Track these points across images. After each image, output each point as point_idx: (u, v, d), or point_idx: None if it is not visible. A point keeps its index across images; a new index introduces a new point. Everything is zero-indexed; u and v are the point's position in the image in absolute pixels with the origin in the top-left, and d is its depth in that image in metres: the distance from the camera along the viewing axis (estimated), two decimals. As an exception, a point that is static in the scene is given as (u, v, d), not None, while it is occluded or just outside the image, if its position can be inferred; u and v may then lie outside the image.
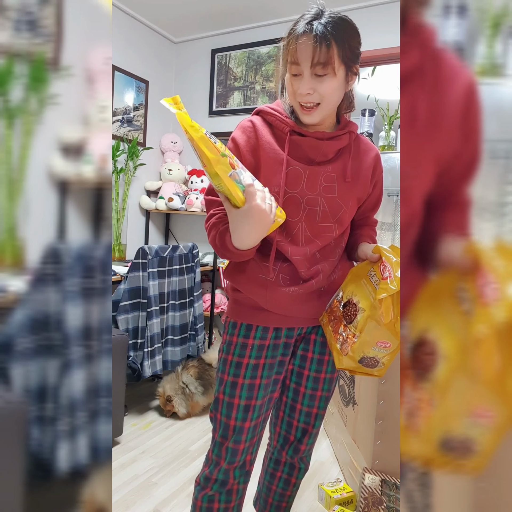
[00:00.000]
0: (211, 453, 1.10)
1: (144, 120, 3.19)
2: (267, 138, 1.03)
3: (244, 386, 1.05)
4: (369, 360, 0.90)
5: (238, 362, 1.05)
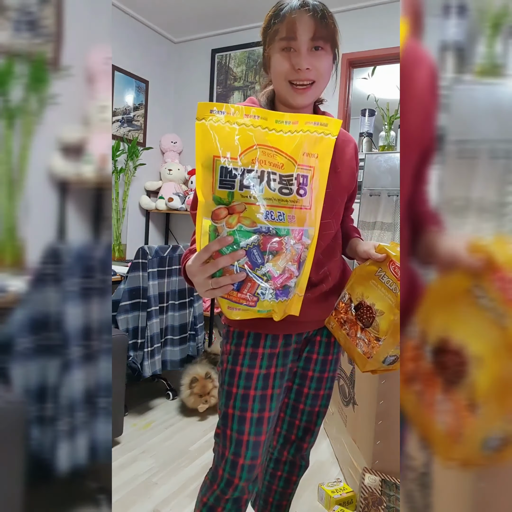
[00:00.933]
0: (221, 471, 1.02)
1: (144, 120, 3.19)
2: None
3: (256, 398, 0.99)
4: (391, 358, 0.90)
5: (249, 373, 0.99)
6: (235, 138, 0.65)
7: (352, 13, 2.73)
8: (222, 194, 0.66)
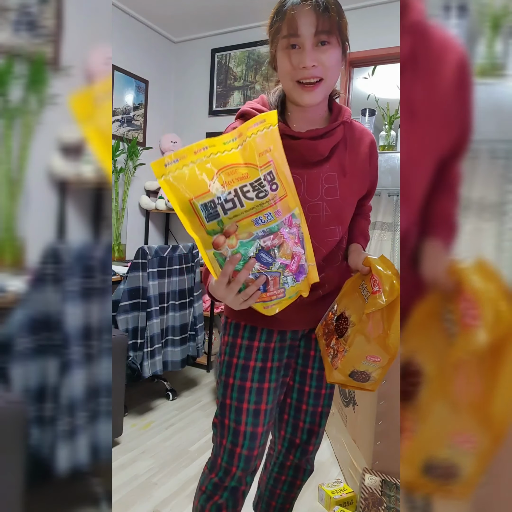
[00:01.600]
0: (220, 460, 1.05)
1: (144, 120, 3.19)
2: None
3: (252, 390, 1.02)
4: (360, 374, 0.89)
5: (244, 365, 1.02)
6: (197, 175, 0.68)
7: (352, 13, 2.73)
8: (213, 226, 0.70)
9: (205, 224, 0.70)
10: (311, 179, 0.95)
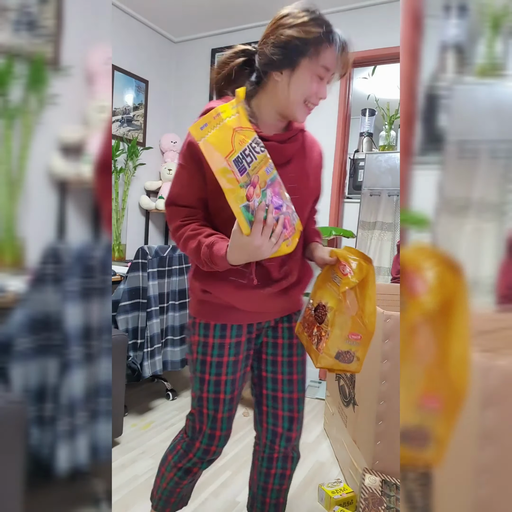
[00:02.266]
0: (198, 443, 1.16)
1: (144, 120, 3.19)
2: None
3: (228, 382, 1.11)
4: (345, 355, 0.99)
5: (219, 361, 1.10)
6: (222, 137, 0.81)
7: (352, 13, 2.73)
8: (244, 179, 0.82)
9: (239, 178, 0.82)
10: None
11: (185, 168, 1.01)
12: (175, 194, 1.02)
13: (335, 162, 2.80)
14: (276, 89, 0.99)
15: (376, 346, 1.52)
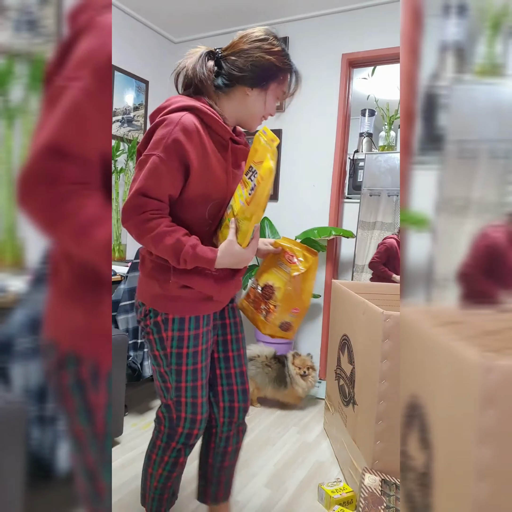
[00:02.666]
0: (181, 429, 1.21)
1: (144, 120, 3.19)
2: (211, 145, 1.06)
3: (203, 368, 1.19)
4: (286, 325, 1.26)
5: (195, 351, 1.16)
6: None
7: (352, 13, 2.73)
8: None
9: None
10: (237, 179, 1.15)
11: (165, 164, 1.00)
12: (148, 186, 1.00)
13: (335, 162, 2.80)
14: (244, 101, 1.12)
15: (375, 346, 1.52)
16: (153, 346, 1.18)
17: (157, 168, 1.00)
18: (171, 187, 1.03)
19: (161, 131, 1.00)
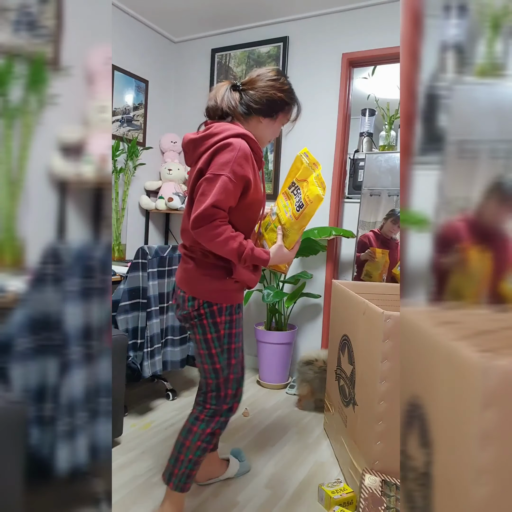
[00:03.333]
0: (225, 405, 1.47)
1: (144, 120, 3.19)
2: (254, 163, 1.36)
3: (242, 347, 1.51)
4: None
5: (240, 332, 1.48)
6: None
7: (352, 13, 2.73)
8: None
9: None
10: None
11: (232, 183, 1.27)
12: (219, 200, 1.25)
13: (335, 162, 2.80)
14: (257, 127, 1.42)
15: (376, 346, 1.52)
16: (206, 330, 1.41)
17: (226, 187, 1.26)
18: (233, 201, 1.30)
19: (226, 155, 1.27)
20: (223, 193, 1.25)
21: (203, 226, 1.25)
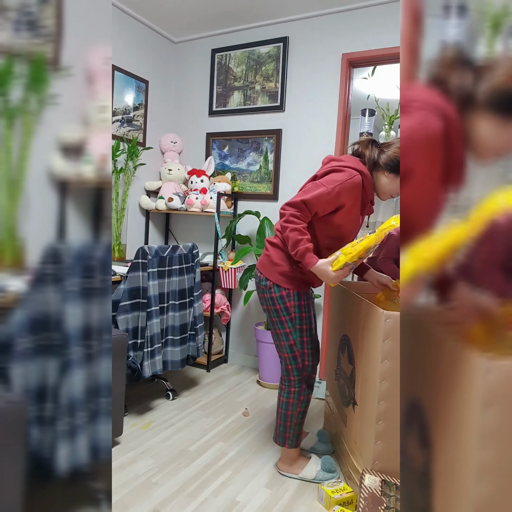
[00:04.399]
0: (305, 373, 1.78)
1: (144, 120, 3.19)
2: (359, 199, 1.60)
3: (313, 328, 1.80)
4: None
5: (310, 316, 1.76)
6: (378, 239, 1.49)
7: (352, 13, 2.73)
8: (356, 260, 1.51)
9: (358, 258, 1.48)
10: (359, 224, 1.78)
11: (328, 196, 1.54)
12: (311, 202, 1.55)
13: (335, 162, 2.80)
14: (381, 179, 1.63)
15: (376, 346, 1.52)
16: (279, 313, 1.72)
17: (322, 196, 1.54)
18: (321, 209, 1.58)
19: (338, 176, 1.56)
20: (316, 199, 1.54)
21: (289, 211, 1.57)
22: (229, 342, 3.28)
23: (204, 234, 3.36)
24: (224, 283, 2.99)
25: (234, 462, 1.93)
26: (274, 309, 1.73)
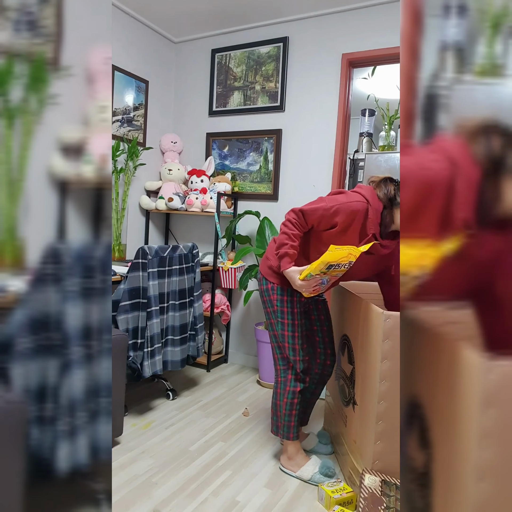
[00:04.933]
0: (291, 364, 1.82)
1: (144, 120, 3.19)
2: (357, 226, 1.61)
3: (299, 325, 1.80)
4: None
5: (292, 311, 1.79)
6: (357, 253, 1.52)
7: (352, 13, 2.73)
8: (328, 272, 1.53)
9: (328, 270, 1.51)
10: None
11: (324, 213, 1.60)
12: (307, 213, 1.62)
13: (335, 162, 2.80)
14: (397, 214, 1.61)
15: (375, 346, 1.52)
16: (266, 305, 1.84)
17: (319, 210, 1.61)
18: (316, 223, 1.64)
19: (341, 197, 1.62)
20: (313, 211, 1.62)
21: (289, 216, 1.67)
22: (229, 342, 3.28)
23: (204, 234, 3.36)
24: (224, 283, 2.99)
25: (234, 462, 1.93)
26: (262, 300, 1.85)
